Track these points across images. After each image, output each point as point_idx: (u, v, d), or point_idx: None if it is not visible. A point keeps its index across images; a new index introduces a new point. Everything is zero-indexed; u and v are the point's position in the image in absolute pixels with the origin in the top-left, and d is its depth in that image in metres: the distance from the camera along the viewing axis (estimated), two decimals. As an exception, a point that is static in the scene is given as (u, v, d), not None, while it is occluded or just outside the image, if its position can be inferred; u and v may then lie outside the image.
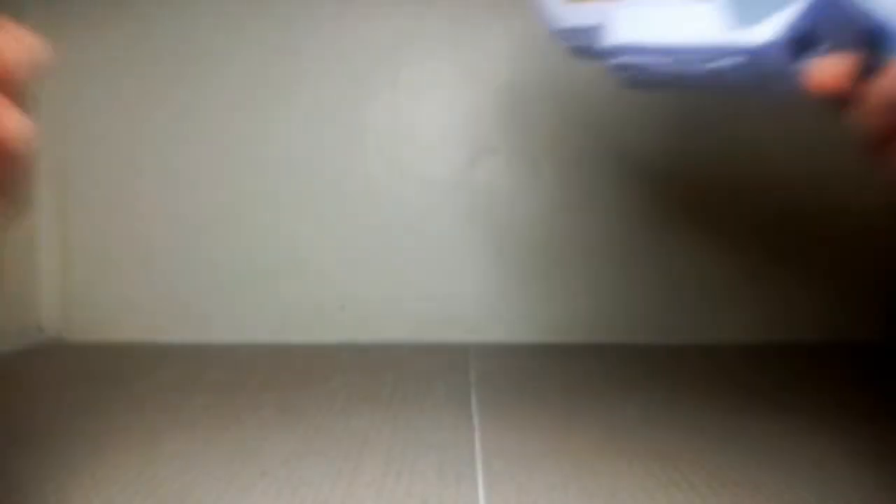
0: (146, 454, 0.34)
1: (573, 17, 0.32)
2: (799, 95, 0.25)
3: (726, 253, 0.60)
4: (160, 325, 0.61)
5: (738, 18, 0.26)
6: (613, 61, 0.30)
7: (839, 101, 0.25)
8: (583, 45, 0.31)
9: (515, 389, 0.47)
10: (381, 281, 0.61)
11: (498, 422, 0.40)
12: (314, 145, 0.60)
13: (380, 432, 0.38)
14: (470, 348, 0.58)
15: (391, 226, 0.60)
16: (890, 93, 0.23)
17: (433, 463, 0.34)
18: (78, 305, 0.62)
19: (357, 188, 0.59)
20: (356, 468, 0.33)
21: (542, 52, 0.59)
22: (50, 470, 0.32)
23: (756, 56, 0.26)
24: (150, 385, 0.48)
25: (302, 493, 0.30)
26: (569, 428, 0.39)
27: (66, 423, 0.39)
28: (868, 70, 0.24)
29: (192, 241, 0.61)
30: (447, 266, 0.61)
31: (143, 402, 0.44)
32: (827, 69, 0.25)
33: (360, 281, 0.61)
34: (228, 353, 0.57)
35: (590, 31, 0.30)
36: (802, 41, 0.25)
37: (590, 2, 0.31)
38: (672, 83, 0.31)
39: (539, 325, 0.61)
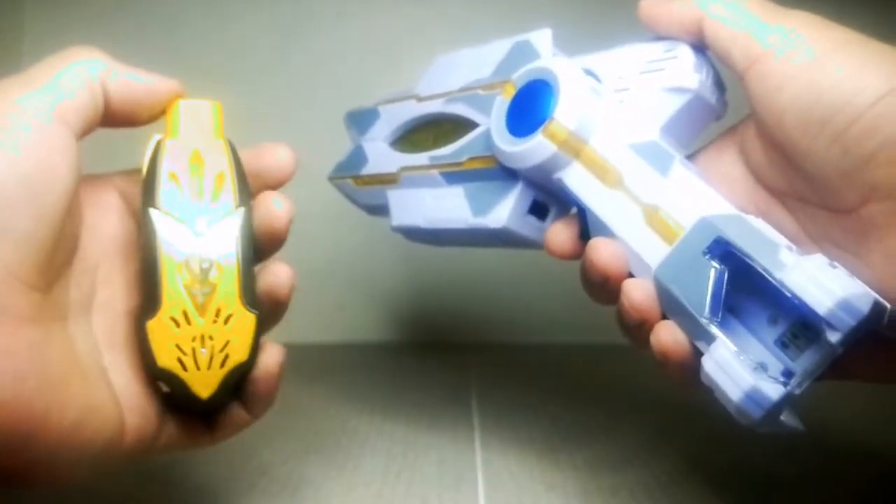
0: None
1: (365, 197, 0.38)
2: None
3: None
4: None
5: (475, 207, 0.30)
6: (403, 235, 0.35)
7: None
8: (387, 216, 0.36)
9: (515, 389, 0.47)
10: (381, 281, 0.61)
11: (498, 422, 0.40)
12: (314, 145, 0.60)
13: (380, 432, 0.38)
14: (470, 348, 0.58)
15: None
16: (586, 271, 0.26)
17: (433, 463, 0.34)
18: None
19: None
20: (356, 468, 0.33)
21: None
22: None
23: (502, 233, 0.29)
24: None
25: (302, 493, 0.30)
26: (569, 428, 0.39)
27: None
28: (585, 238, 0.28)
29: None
30: (449, 267, 0.61)
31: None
32: (554, 236, 0.29)
33: (360, 281, 0.61)
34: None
35: (384, 208, 0.36)
36: (537, 210, 0.30)
37: (374, 185, 0.36)
38: (457, 245, 0.35)
39: (539, 325, 0.61)
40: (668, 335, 0.23)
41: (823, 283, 0.20)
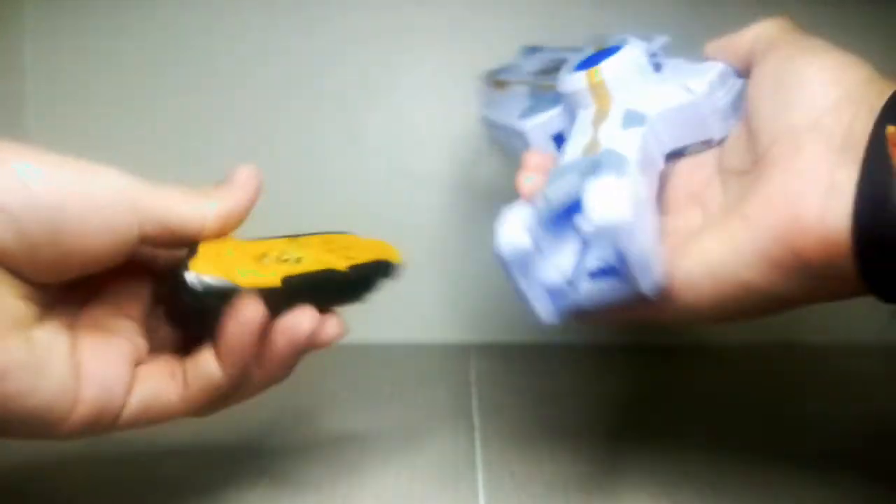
0: (146, 453, 0.34)
1: (491, 98, 0.44)
2: None
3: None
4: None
5: (521, 113, 0.37)
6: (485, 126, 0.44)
7: None
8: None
9: (515, 389, 0.47)
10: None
11: (498, 422, 0.40)
12: (314, 145, 0.60)
13: (380, 432, 0.38)
14: (470, 348, 0.58)
15: (391, 225, 0.60)
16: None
17: (433, 463, 0.34)
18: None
19: (357, 188, 0.59)
20: (356, 468, 0.33)
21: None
22: (49, 469, 0.32)
23: (522, 139, 0.36)
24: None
25: (302, 494, 0.30)
26: (569, 428, 0.39)
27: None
28: None
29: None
30: (447, 266, 0.61)
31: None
32: (530, 153, 0.33)
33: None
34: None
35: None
36: (560, 142, 0.35)
37: (500, 89, 0.43)
38: (510, 151, 0.40)
39: (539, 325, 0.61)
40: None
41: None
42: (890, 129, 0.22)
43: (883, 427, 0.41)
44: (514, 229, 0.28)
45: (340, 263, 0.29)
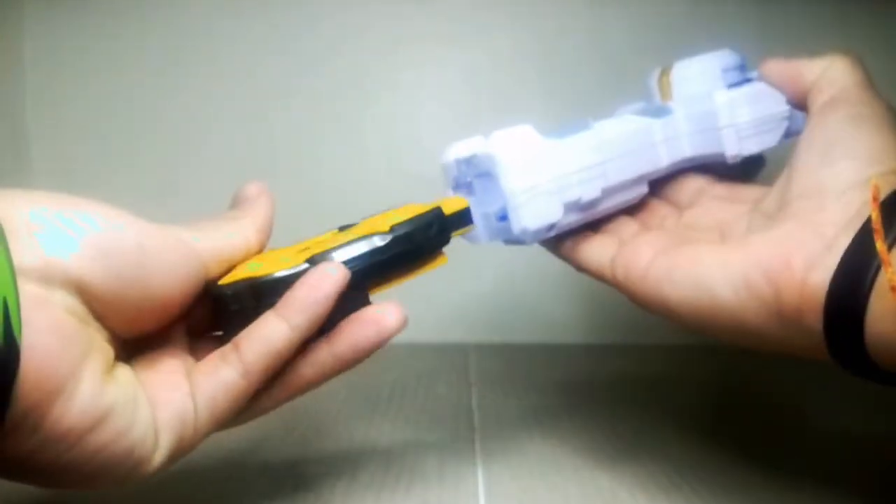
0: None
1: None
2: None
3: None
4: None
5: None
6: None
7: None
8: None
9: (515, 389, 0.47)
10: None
11: (498, 422, 0.40)
12: (313, 144, 0.60)
13: (380, 432, 0.38)
14: (470, 348, 0.58)
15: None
16: None
17: (433, 463, 0.34)
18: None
19: (356, 188, 0.59)
20: (356, 468, 0.33)
21: (543, 52, 0.59)
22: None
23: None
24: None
25: (302, 494, 0.30)
26: (569, 428, 0.39)
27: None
28: None
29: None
30: (447, 266, 0.61)
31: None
32: None
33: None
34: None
35: None
36: None
37: None
38: None
39: (539, 325, 0.61)
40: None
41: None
42: (874, 215, 0.23)
43: (883, 427, 0.41)
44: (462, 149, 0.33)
45: (382, 227, 0.28)
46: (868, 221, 0.24)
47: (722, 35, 0.36)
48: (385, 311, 0.27)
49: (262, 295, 0.25)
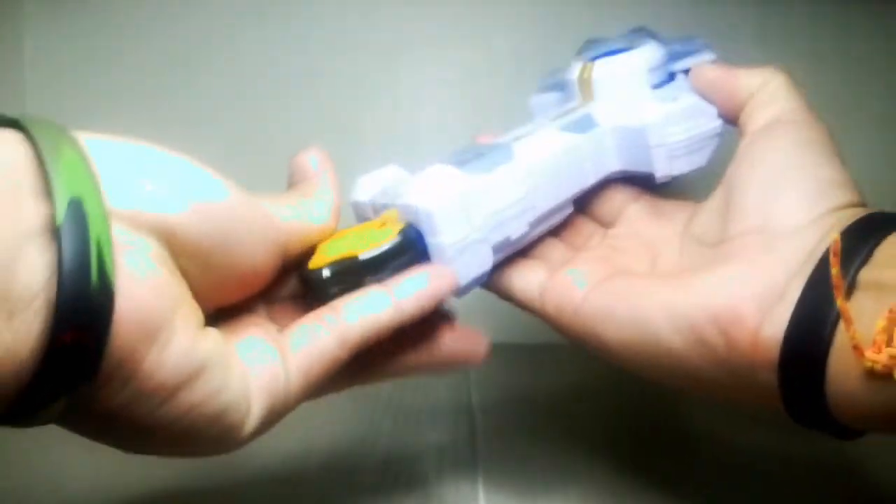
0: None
1: None
2: None
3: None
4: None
5: None
6: None
7: None
8: None
9: (515, 389, 0.47)
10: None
11: (498, 422, 0.40)
12: (312, 143, 0.60)
13: (380, 432, 0.38)
14: (470, 348, 0.58)
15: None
16: None
17: (433, 463, 0.34)
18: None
19: (355, 187, 0.59)
20: (356, 468, 0.33)
21: (542, 51, 0.59)
22: (50, 470, 0.32)
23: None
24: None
25: (302, 494, 0.30)
26: (569, 428, 0.39)
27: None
28: None
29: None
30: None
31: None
32: None
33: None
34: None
35: None
36: None
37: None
38: None
39: (539, 326, 0.61)
40: None
41: (427, 187, 0.27)
42: (834, 271, 0.21)
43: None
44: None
45: None
46: (821, 268, 0.22)
47: (722, 35, 0.36)
48: (482, 339, 0.30)
49: (366, 273, 0.26)
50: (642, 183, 0.32)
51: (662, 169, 0.30)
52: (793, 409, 0.23)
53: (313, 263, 0.26)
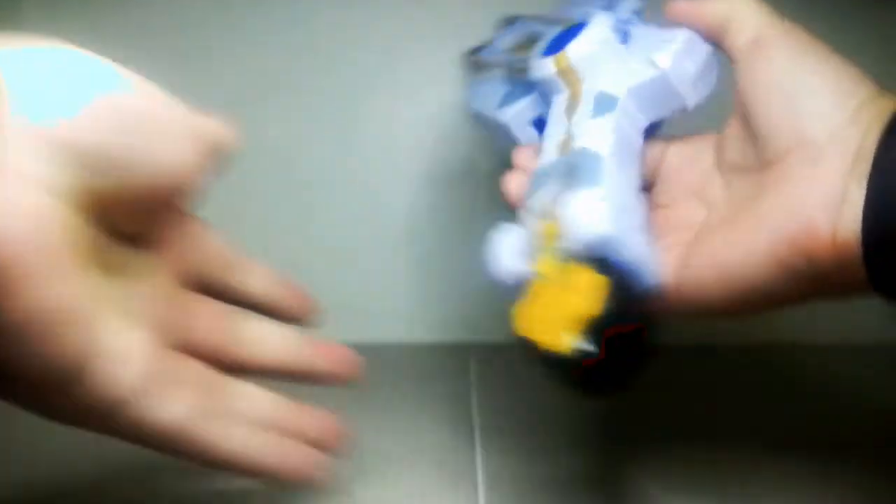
0: (146, 454, 0.34)
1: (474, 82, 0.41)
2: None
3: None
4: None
5: (499, 102, 0.36)
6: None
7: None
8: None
9: (515, 389, 0.47)
10: (382, 281, 0.61)
11: (498, 422, 0.40)
12: (311, 143, 0.60)
13: (379, 433, 0.38)
14: (470, 348, 0.58)
15: (391, 225, 0.60)
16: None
17: (433, 463, 0.34)
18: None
19: (355, 187, 0.59)
20: (356, 468, 0.33)
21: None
22: (50, 470, 0.32)
23: (504, 129, 0.36)
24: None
25: (302, 494, 0.30)
26: (569, 428, 0.39)
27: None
28: None
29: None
30: (448, 266, 0.61)
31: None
32: (521, 149, 0.33)
33: (359, 281, 0.61)
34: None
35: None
36: (540, 127, 0.34)
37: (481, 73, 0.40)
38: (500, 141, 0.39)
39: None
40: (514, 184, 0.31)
41: (587, 210, 0.26)
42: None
43: (883, 427, 0.41)
44: (510, 255, 0.29)
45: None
46: (879, 159, 0.23)
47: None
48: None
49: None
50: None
51: (693, 98, 0.31)
52: (883, 289, 0.25)
53: (545, 341, 0.25)
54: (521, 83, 0.35)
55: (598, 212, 0.26)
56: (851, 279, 0.25)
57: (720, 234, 0.28)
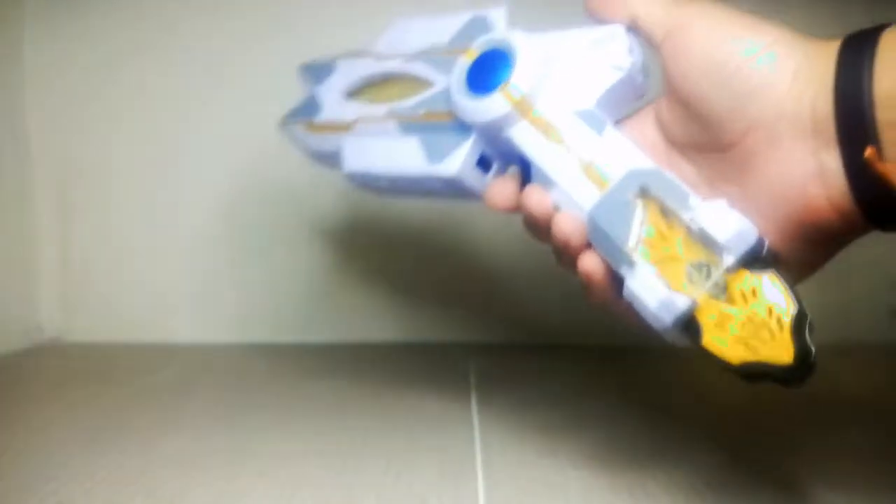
0: (146, 454, 0.34)
1: (316, 143, 0.39)
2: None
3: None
4: (160, 325, 0.61)
5: (430, 156, 0.33)
6: (353, 182, 0.38)
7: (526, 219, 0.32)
8: (333, 165, 0.38)
9: (515, 389, 0.47)
10: (381, 281, 0.61)
11: (498, 422, 0.40)
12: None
13: (380, 432, 0.38)
14: (470, 348, 0.58)
15: (391, 225, 0.60)
16: (527, 214, 0.31)
17: (433, 463, 0.34)
18: (78, 305, 0.62)
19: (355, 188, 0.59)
20: (356, 468, 0.33)
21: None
22: (49, 470, 0.32)
23: (452, 182, 0.33)
24: (150, 385, 0.48)
25: (302, 493, 0.30)
26: (569, 428, 0.39)
27: (66, 423, 0.39)
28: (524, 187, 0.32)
29: (193, 242, 0.61)
30: (447, 266, 0.61)
31: (142, 402, 0.44)
32: (496, 190, 0.33)
33: (359, 281, 0.61)
34: (229, 353, 0.57)
35: (333, 156, 0.38)
36: (483, 164, 0.33)
37: (326, 132, 0.38)
38: (404, 194, 0.38)
39: (539, 326, 0.61)
40: (591, 262, 0.29)
41: (723, 219, 0.26)
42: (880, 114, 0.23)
43: (883, 427, 0.41)
44: (654, 298, 0.27)
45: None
46: (841, 116, 0.24)
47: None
48: None
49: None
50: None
51: (643, 89, 0.32)
52: (885, 227, 0.25)
53: (777, 355, 0.25)
54: (439, 127, 0.34)
55: (736, 216, 0.26)
56: (855, 226, 0.25)
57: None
